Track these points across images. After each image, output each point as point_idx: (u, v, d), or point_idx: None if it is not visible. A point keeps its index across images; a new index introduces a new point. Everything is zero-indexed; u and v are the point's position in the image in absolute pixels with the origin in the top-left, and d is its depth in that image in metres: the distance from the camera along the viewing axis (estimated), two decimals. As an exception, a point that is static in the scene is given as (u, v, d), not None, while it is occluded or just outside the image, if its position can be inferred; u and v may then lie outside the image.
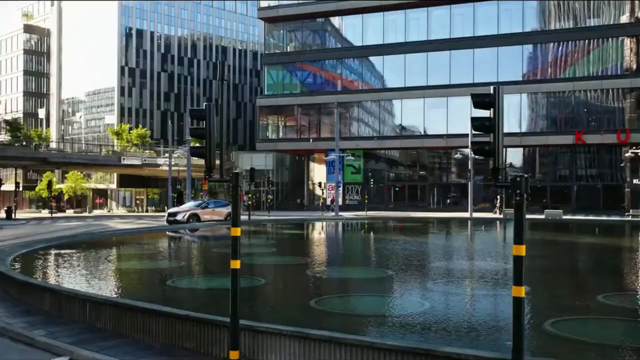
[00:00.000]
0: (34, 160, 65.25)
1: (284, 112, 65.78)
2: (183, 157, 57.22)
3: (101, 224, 41.69)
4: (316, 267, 16.36)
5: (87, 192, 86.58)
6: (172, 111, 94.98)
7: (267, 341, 7.51)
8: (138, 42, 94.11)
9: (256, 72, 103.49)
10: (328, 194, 59.92)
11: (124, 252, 20.47)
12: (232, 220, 7.62)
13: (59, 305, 10.48)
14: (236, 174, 7.44)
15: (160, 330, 8.61)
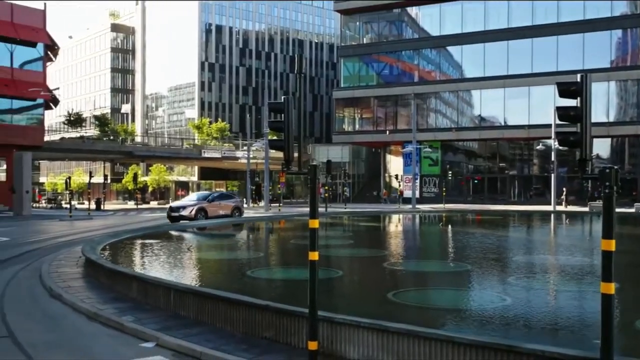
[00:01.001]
0: (121, 153, 68.14)
1: (360, 104, 65.61)
2: (261, 150, 58.19)
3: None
4: (393, 259, 16.27)
5: (169, 185, 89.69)
6: (250, 105, 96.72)
7: (345, 333, 7.53)
8: (217, 37, 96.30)
9: (332, 65, 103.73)
10: (404, 186, 59.40)
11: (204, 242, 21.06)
12: (310, 212, 7.68)
13: (145, 293, 10.91)
14: (314, 166, 7.48)
15: (241, 320, 8.80)
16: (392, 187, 63.77)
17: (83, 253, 14.97)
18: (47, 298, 11.64)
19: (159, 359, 7.78)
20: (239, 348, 7.96)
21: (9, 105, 50.10)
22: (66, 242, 22.06)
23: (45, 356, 7.76)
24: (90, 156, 73.67)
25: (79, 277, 13.46)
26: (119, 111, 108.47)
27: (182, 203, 33.00)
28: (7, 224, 34.18)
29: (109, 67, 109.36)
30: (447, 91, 60.94)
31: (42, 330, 9.15)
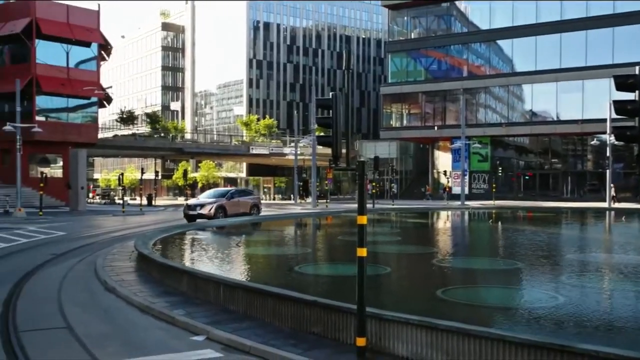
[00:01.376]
0: (171, 150, 69.50)
1: (408, 99, 65.14)
2: (308, 146, 58.43)
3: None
4: (441, 256, 16.11)
5: (218, 181, 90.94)
6: (297, 101, 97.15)
7: (393, 329, 7.50)
8: (265, 35, 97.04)
9: (379, 60, 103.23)
10: (453, 182, 58.70)
11: (253, 238, 21.29)
12: (358, 208, 7.67)
13: (195, 287, 11.10)
14: (362, 162, 7.47)
15: (289, 315, 8.86)
16: (440, 184, 63.10)
17: (135, 248, 15.33)
18: (101, 291, 11.97)
19: (209, 352, 7.90)
20: (287, 343, 8.02)
21: (65, 104, 51.68)
22: (119, 236, 22.65)
23: (100, 347, 7.98)
24: (141, 153, 75.35)
25: (132, 271, 13.80)
26: (169, 109, 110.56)
27: (200, 201, 30.66)
28: (63, 219, 35.32)
29: (160, 66, 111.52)
30: (497, 86, 59.89)
31: (97, 322, 9.42)
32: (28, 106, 47.31)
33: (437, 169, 65.12)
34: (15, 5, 51.99)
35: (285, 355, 7.59)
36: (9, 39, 48.71)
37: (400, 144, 71.34)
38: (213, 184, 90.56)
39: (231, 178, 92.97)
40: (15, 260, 16.60)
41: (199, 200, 30.90)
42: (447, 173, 59.36)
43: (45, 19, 48.31)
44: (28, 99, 47.50)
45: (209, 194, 32.73)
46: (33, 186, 45.75)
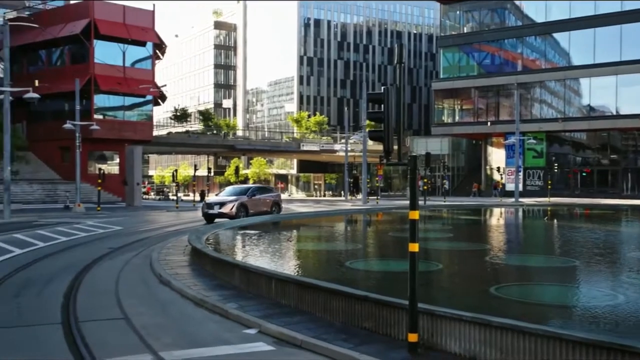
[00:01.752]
0: (223, 147, 70.52)
1: (460, 95, 64.22)
2: (359, 142, 58.28)
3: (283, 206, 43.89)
4: (495, 253, 15.83)
5: (269, 177, 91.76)
6: (348, 98, 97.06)
7: (446, 326, 7.41)
8: (316, 31, 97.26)
9: (431, 56, 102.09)
10: (507, 179, 57.57)
11: (303, 233, 21.39)
12: (410, 203, 7.61)
13: (248, 281, 11.23)
14: (414, 157, 7.40)
15: (340, 309, 8.87)
16: (494, 180, 61.97)
17: (189, 242, 15.63)
18: (157, 284, 12.25)
19: (261, 345, 7.99)
20: (339, 337, 8.03)
21: (121, 102, 53.09)
22: (173, 231, 23.13)
23: (156, 338, 8.17)
24: (194, 150, 76.73)
25: (186, 265, 14.07)
26: (221, 106, 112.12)
27: (220, 199, 28.44)
28: (119, 214, 36.32)
29: (212, 64, 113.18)
30: (552, 80, 58.39)
31: (153, 314, 9.65)
32: (87, 105, 48.81)
33: (490, 166, 63.99)
34: (74, 6, 53.75)
35: (336, 349, 7.60)
36: (69, 39, 50.34)
37: (452, 140, 70.40)
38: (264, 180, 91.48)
39: (282, 174, 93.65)
40: (75, 253, 17.16)
41: (219, 199, 28.63)
42: (501, 169, 58.24)
43: (103, 19, 49.70)
44: (87, 97, 49.00)
45: (229, 191, 30.28)
46: (91, 182, 47.18)
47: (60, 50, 53.62)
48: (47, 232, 22.76)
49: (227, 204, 26.90)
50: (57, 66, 53.88)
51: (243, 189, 30.03)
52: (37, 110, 53.44)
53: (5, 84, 30.03)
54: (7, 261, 15.20)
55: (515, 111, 51.76)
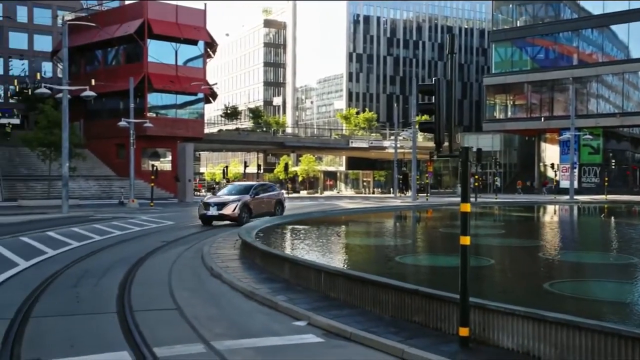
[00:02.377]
0: (273, 144, 71.06)
1: (512, 90, 62.96)
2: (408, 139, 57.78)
3: (331, 203, 44.01)
4: (548, 250, 15.45)
5: (318, 175, 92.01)
6: (397, 94, 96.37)
7: (498, 320, 7.27)
8: (365, 28, 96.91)
9: (482, 51, 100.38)
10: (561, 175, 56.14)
11: (352, 228, 21.37)
12: (461, 195, 7.50)
13: (297, 275, 11.29)
14: (466, 149, 7.28)
15: (390, 303, 8.81)
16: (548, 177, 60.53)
17: (240, 236, 15.80)
18: (208, 276, 12.44)
19: (310, 337, 8.02)
20: (388, 331, 7.98)
21: (173, 100, 54.13)
22: (224, 226, 23.43)
23: (207, 328, 8.30)
24: (244, 147, 77.53)
25: (236, 259, 14.24)
26: (271, 104, 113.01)
27: (219, 199, 24.76)
28: (171, 209, 37.05)
29: (262, 62, 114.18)
30: (610, 74, 56.59)
31: (204, 305, 9.80)
32: (140, 103, 49.97)
33: (544, 162, 62.53)
34: (129, 7, 55.09)
35: (385, 342, 7.56)
36: (123, 39, 51.62)
37: (504, 137, 69.08)
38: (313, 177, 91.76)
39: (330, 172, 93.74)
40: (130, 247, 17.59)
41: (218, 198, 24.87)
42: (555, 166, 56.83)
43: (156, 19, 50.75)
44: (140, 96, 50.16)
45: (230, 189, 26.53)
46: (145, 179, 48.28)
47: (115, 50, 55.05)
48: (102, 226, 23.41)
49: (228, 205, 23.49)
50: (113, 66, 55.32)
51: (245, 187, 26.17)
52: (93, 109, 55.03)
53: (63, 83, 31.02)
54: (65, 253, 15.71)
55: (570, 106, 50.40)
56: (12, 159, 49.79)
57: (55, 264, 13.75)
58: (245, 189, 25.62)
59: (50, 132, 39.96)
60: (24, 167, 49.16)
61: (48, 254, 15.48)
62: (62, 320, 8.84)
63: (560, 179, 56.64)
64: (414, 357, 7.05)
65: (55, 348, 7.30)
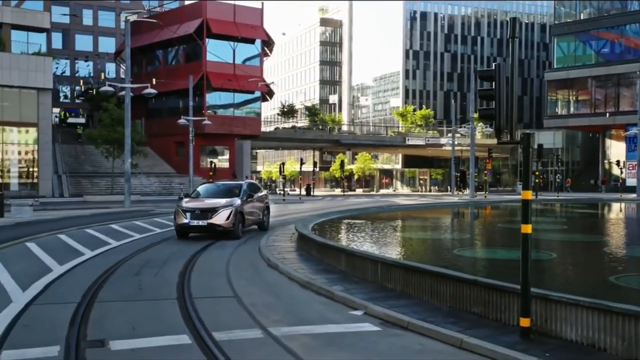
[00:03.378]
0: (329, 142, 71.20)
1: (575, 85, 61.08)
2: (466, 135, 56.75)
3: (387, 200, 43.76)
4: (613, 245, 14.92)
5: (374, 173, 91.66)
6: (455, 91, 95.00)
7: (561, 311, 7.06)
8: (422, 24, 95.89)
9: (544, 46, 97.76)
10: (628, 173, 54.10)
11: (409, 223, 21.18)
12: (523, 183, 7.31)
13: (353, 266, 11.26)
14: (527, 134, 7.10)
15: (448, 294, 8.68)
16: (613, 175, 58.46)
17: (296, 229, 15.91)
18: (265, 267, 12.57)
19: (367, 325, 7.99)
20: (446, 321, 7.87)
21: (231, 99, 54.95)
22: (280, 221, 23.63)
23: (265, 315, 8.38)
24: (300, 145, 78.00)
25: (292, 251, 14.35)
26: (327, 102, 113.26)
27: (204, 203, 18.00)
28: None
29: (318, 60, 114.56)
30: (680, 67, 54.12)
31: (261, 294, 9.89)
32: (199, 102, 50.95)
33: (609, 159, 60.38)
34: (188, 7, 56.23)
35: (444, 331, 7.45)
36: (183, 39, 52.74)
37: (566, 133, 67.08)
38: (369, 176, 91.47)
39: (386, 170, 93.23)
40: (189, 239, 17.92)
41: (201, 202, 18.00)
42: (620, 163, 54.79)
43: (215, 18, 51.61)
44: (199, 95, 51.13)
45: (208, 190, 19.60)
46: (203, 176, 49.18)
47: (175, 50, 56.29)
48: (162, 220, 23.97)
49: (219, 212, 17.07)
50: (172, 65, 56.59)
51: (231, 188, 19.30)
52: (154, 108, 56.47)
53: (126, 81, 31.95)
54: (128, 244, 16.17)
55: (637, 101, 48.48)
56: (77, 157, 51.61)
57: (118, 254, 14.17)
58: (231, 190, 18.80)
59: (113, 130, 41.25)
60: (89, 164, 50.88)
61: (112, 245, 15.97)
62: (125, 304, 9.10)
63: (627, 177, 54.57)
64: (473, 346, 6.92)
65: (118, 330, 7.52)
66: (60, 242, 16.32)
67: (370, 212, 23.58)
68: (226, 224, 17.06)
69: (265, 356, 6.74)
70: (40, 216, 25.17)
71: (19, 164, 43.66)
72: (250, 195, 18.94)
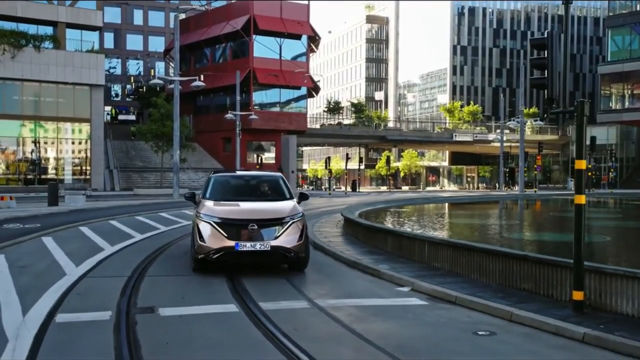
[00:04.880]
0: (374, 138, 70.83)
1: (630, 79, 59.12)
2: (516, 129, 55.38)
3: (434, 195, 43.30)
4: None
5: (420, 170, 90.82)
6: (503, 87, 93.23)
7: (617, 285, 6.84)
8: (470, 19, 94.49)
9: (597, 40, 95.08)
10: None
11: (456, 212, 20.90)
12: (576, 151, 7.12)
13: (400, 246, 11.18)
14: (582, 102, 6.89)
15: (497, 271, 8.53)
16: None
17: (342, 215, 15.91)
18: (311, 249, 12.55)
19: (414, 300, 7.92)
20: (496, 296, 7.73)
21: (277, 94, 55.22)
22: (326, 211, 23.65)
23: (311, 289, 8.42)
24: (345, 141, 77.82)
25: (338, 235, 14.35)
26: (373, 99, 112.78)
27: (254, 210, 10.16)
28: (276, 198, 37.74)
29: (364, 58, 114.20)
30: None
31: (310, 272, 9.88)
32: (246, 98, 51.40)
33: (665, 156, 58.31)
34: (235, 5, 56.76)
35: (493, 305, 7.31)
36: (230, 36, 53.27)
37: (621, 129, 65.06)
38: (415, 173, 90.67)
39: (433, 167, 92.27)
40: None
41: (249, 211, 10.18)
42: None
43: (261, 15, 51.96)
44: (246, 91, 51.58)
45: (235, 185, 12.03)
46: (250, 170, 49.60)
47: (222, 47, 56.91)
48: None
49: (287, 226, 9.66)
50: (220, 62, 57.22)
51: (267, 181, 12.17)
52: (202, 105, 57.20)
53: (175, 74, 32.50)
54: (176, 229, 16.45)
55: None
56: (128, 152, 52.76)
57: (167, 238, 14.42)
58: (273, 188, 11.59)
59: (162, 124, 41.98)
60: (139, 159, 51.94)
61: (160, 230, 16.27)
62: (174, 279, 9.26)
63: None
64: (523, 319, 6.77)
65: (167, 299, 7.65)
66: (112, 227, 16.70)
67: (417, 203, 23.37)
68: (297, 246, 9.56)
69: (310, 323, 6.75)
70: (92, 205, 25.84)
71: (72, 159, 44.96)
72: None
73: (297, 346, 5.73)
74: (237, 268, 9.71)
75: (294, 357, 5.47)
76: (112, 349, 5.68)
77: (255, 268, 9.89)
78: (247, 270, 9.69)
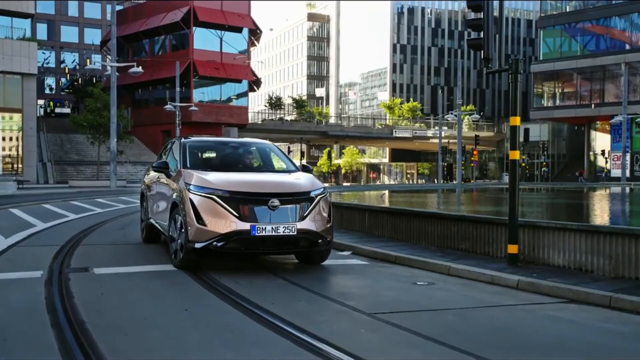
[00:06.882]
0: (316, 133, 71.04)
1: (561, 77, 61.44)
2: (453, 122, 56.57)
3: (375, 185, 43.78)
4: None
5: (361, 167, 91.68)
6: (442, 85, 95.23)
7: (549, 238, 7.07)
8: (409, 19, 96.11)
9: (530, 41, 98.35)
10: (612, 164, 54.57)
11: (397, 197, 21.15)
12: (511, 109, 7.31)
13: (341, 218, 11.19)
14: (516, 60, 7.09)
15: (436, 233, 8.69)
16: (598, 167, 58.92)
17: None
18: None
19: (355, 261, 7.99)
20: (435, 255, 7.86)
21: (218, 87, 54.70)
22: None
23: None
24: (287, 137, 77.77)
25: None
26: (315, 97, 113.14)
27: (268, 181, 7.55)
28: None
29: (306, 55, 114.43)
30: (664, 59, 54.66)
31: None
32: (186, 92, 50.63)
33: (594, 151, 60.86)
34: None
35: (431, 261, 7.44)
36: (169, 28, 52.38)
37: (552, 126, 67.54)
38: (356, 170, 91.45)
39: (374, 164, 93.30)
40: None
41: (261, 180, 7.60)
42: (605, 153, 55.24)
43: (202, 7, 51.29)
44: (186, 85, 50.81)
45: (222, 152, 8.91)
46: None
47: (161, 39, 55.86)
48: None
49: (316, 204, 7.24)
50: (159, 55, 56.19)
51: (264, 149, 9.15)
52: (140, 98, 56.04)
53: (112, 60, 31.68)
54: (112, 211, 16.06)
55: (623, 91, 48.93)
56: (63, 145, 51.12)
57: (102, 217, 14.08)
58: (269, 157, 9.07)
59: (99, 115, 40.83)
60: (74, 153, 50.39)
61: (96, 211, 15.84)
62: (110, 247, 9.02)
63: (612, 168, 55.05)
64: (460, 271, 6.92)
65: (102, 262, 7.43)
66: (45, 209, 16.13)
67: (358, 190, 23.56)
68: (327, 230, 7.33)
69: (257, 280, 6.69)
70: (25, 193, 24.88)
71: (2, 150, 43.16)
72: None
73: (240, 297, 5.69)
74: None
75: (239, 305, 5.42)
76: (43, 298, 5.47)
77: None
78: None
